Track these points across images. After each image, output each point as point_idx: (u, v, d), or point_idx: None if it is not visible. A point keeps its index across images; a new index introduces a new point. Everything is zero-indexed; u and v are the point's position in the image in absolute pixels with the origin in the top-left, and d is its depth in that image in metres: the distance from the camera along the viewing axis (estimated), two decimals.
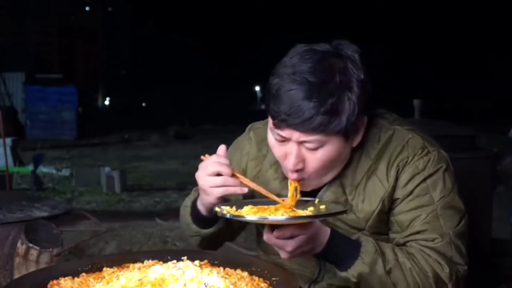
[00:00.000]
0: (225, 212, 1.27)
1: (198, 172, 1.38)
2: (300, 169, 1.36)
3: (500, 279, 3.78)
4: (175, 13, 47.78)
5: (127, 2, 42.45)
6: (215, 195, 1.35)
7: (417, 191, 1.40)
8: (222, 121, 24.38)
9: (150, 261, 1.30)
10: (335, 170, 1.41)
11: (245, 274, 1.21)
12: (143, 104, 41.79)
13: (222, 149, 1.39)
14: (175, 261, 1.26)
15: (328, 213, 1.26)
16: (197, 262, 1.24)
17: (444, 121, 3.44)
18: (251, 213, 1.26)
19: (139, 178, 9.41)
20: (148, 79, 40.95)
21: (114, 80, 40.65)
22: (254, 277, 1.20)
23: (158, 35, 42.56)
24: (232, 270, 1.23)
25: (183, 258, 1.28)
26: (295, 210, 1.29)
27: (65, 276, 1.22)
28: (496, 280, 3.71)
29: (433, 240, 1.38)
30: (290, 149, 1.35)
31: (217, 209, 1.30)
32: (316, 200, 1.36)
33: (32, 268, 2.01)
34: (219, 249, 1.61)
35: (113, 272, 1.23)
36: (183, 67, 42.17)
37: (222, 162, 1.35)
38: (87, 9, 39.18)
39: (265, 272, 1.22)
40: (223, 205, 1.32)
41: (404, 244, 1.41)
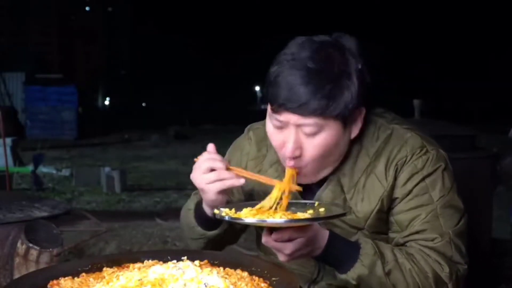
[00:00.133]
0: (224, 214, 1.27)
1: (192, 174, 1.38)
2: (298, 156, 1.36)
3: (500, 279, 3.78)
4: (175, 13, 47.78)
5: (127, 2, 42.42)
6: (213, 191, 1.35)
7: (416, 190, 1.40)
8: (222, 121, 24.39)
9: (150, 261, 1.30)
10: (332, 162, 1.41)
11: (245, 274, 1.21)
12: (143, 104, 41.76)
13: (211, 147, 1.39)
14: (175, 261, 1.26)
15: (327, 216, 1.26)
16: (197, 262, 1.24)
17: (444, 121, 3.44)
18: (250, 215, 1.26)
19: (139, 178, 9.41)
20: (148, 79, 40.92)
21: (114, 80, 40.60)
22: (254, 277, 1.20)
23: (158, 35, 42.53)
24: (232, 270, 1.23)
25: (183, 258, 1.28)
26: (294, 212, 1.29)
27: (65, 276, 1.22)
28: (496, 280, 3.71)
29: (432, 240, 1.38)
30: (288, 135, 1.36)
31: (216, 211, 1.30)
32: (315, 203, 1.36)
33: (32, 268, 2.01)
34: None
35: (113, 272, 1.23)
36: (183, 67, 42.14)
37: (213, 157, 1.35)
38: (87, 9, 39.14)
39: (265, 272, 1.22)
40: (223, 207, 1.32)
41: (403, 244, 1.41)
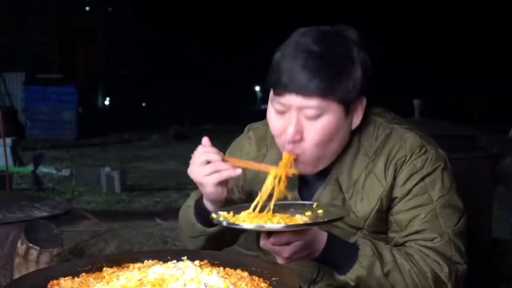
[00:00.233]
0: (221, 219, 1.27)
1: (189, 168, 1.37)
2: (298, 140, 1.35)
3: (500, 279, 3.78)
4: (175, 13, 47.78)
5: (127, 2, 42.42)
6: (211, 184, 1.34)
7: (416, 190, 1.40)
8: (222, 121, 24.37)
9: (150, 261, 1.30)
10: (331, 153, 1.40)
11: (245, 274, 1.21)
12: (143, 104, 41.78)
13: (206, 140, 1.38)
14: (175, 261, 1.26)
15: (324, 221, 1.25)
16: (197, 262, 1.23)
17: (444, 121, 3.44)
18: (248, 218, 1.25)
19: (139, 178, 9.41)
20: (148, 79, 40.92)
21: (114, 80, 40.61)
22: (254, 277, 1.20)
23: (158, 35, 42.54)
24: (232, 270, 1.23)
25: (183, 258, 1.28)
26: (292, 215, 1.28)
27: (65, 276, 1.22)
28: (496, 280, 3.71)
29: (432, 240, 1.38)
30: (289, 119, 1.36)
31: (214, 216, 1.29)
32: (314, 204, 1.36)
33: (32, 268, 2.01)
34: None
35: (113, 272, 1.23)
36: (183, 67, 42.15)
37: (209, 150, 1.35)
38: (87, 9, 39.15)
39: (265, 272, 1.21)
40: (221, 211, 1.32)
41: (403, 244, 1.40)
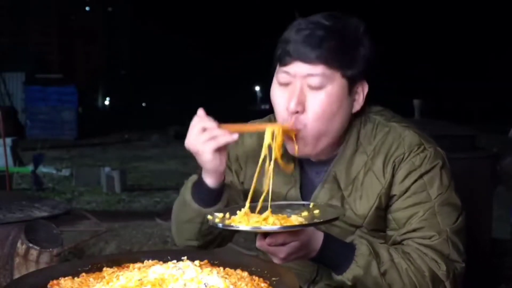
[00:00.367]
0: (217, 220, 1.27)
1: (186, 140, 1.35)
2: (301, 111, 1.36)
3: (500, 279, 3.78)
4: (175, 13, 47.77)
5: (127, 2, 42.39)
6: (208, 151, 1.32)
7: (414, 188, 1.40)
8: (222, 121, 24.34)
9: (150, 261, 1.30)
10: (331, 133, 1.40)
11: (245, 274, 1.21)
12: (143, 104, 41.77)
13: (201, 110, 1.36)
14: (175, 261, 1.26)
15: (320, 221, 1.24)
16: (197, 262, 1.23)
17: (444, 121, 3.44)
18: (243, 220, 1.25)
19: (139, 178, 9.41)
20: (148, 79, 40.91)
21: (114, 80, 40.58)
22: (254, 277, 1.20)
23: (158, 35, 42.51)
24: (232, 270, 1.23)
25: (183, 258, 1.28)
26: (289, 215, 1.28)
27: (65, 276, 1.22)
28: (496, 280, 3.71)
29: (430, 238, 1.38)
30: (292, 90, 1.37)
31: (210, 217, 1.29)
32: (310, 204, 1.36)
33: (32, 268, 2.02)
34: (219, 249, 1.61)
35: (113, 272, 1.23)
36: (183, 67, 42.13)
37: (204, 118, 1.34)
38: (87, 9, 39.12)
39: (265, 272, 1.21)
40: (217, 212, 1.31)
41: (401, 242, 1.41)
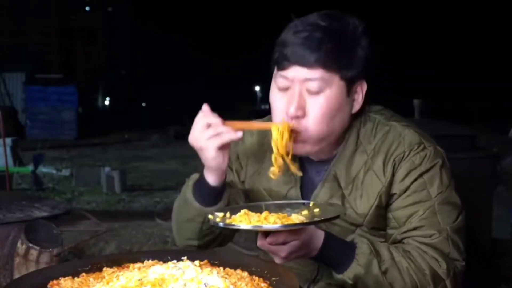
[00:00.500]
0: (218, 220, 1.27)
1: (190, 135, 1.34)
2: (301, 116, 1.36)
3: (500, 279, 3.78)
4: (175, 13, 47.79)
5: (127, 2, 42.42)
6: (213, 147, 1.32)
7: (414, 186, 1.40)
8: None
9: (150, 261, 1.30)
10: (332, 133, 1.40)
11: (245, 274, 1.21)
12: (143, 104, 41.78)
13: (206, 106, 1.35)
14: (175, 261, 1.26)
15: (321, 220, 1.25)
16: (197, 262, 1.24)
17: (444, 121, 3.44)
18: (244, 219, 1.25)
19: (139, 178, 9.41)
20: (148, 79, 40.93)
21: (114, 80, 40.61)
22: (254, 277, 1.20)
23: (158, 35, 42.53)
24: (232, 270, 1.23)
25: (183, 258, 1.28)
26: (289, 214, 1.28)
27: (65, 276, 1.22)
28: (496, 280, 3.71)
29: (430, 236, 1.38)
30: (291, 95, 1.37)
31: (211, 216, 1.29)
32: (310, 203, 1.36)
33: (32, 268, 2.02)
34: (219, 249, 1.61)
35: (113, 272, 1.23)
36: (183, 67, 42.17)
37: (209, 114, 1.33)
38: (87, 9, 39.14)
39: (265, 272, 1.22)
40: (218, 211, 1.31)
41: (401, 241, 1.41)
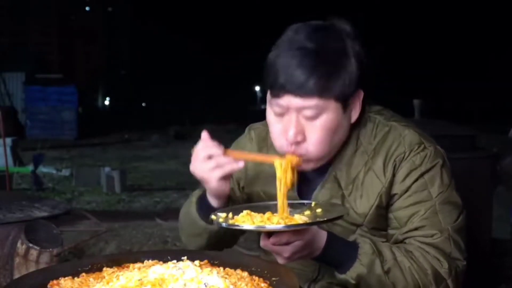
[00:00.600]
0: (221, 220, 1.27)
1: (191, 165, 1.36)
2: (300, 141, 1.35)
3: (500, 279, 3.78)
4: (175, 13, 47.78)
5: (127, 2, 42.42)
6: (214, 179, 1.33)
7: (415, 187, 1.40)
8: (222, 121, 24.37)
9: (150, 261, 1.30)
10: (333, 148, 1.41)
11: (245, 274, 1.21)
12: (143, 104, 41.77)
13: (205, 134, 1.36)
14: (175, 261, 1.26)
15: (324, 220, 1.25)
16: (197, 262, 1.24)
17: (444, 121, 3.44)
18: (247, 219, 1.25)
19: (139, 178, 9.41)
20: (148, 79, 40.91)
21: (114, 80, 40.62)
22: (254, 277, 1.20)
23: (158, 35, 42.52)
24: (232, 270, 1.23)
25: (183, 258, 1.28)
26: (291, 214, 1.29)
27: (65, 276, 1.22)
28: (496, 280, 3.71)
29: (432, 236, 1.38)
30: (289, 120, 1.36)
31: (213, 217, 1.29)
32: (312, 203, 1.36)
33: (32, 268, 2.02)
34: None
35: (113, 272, 1.23)
36: (183, 67, 42.14)
37: (209, 145, 1.34)
38: (87, 9, 39.14)
39: (265, 272, 1.22)
40: (220, 212, 1.31)
41: (403, 241, 1.41)
